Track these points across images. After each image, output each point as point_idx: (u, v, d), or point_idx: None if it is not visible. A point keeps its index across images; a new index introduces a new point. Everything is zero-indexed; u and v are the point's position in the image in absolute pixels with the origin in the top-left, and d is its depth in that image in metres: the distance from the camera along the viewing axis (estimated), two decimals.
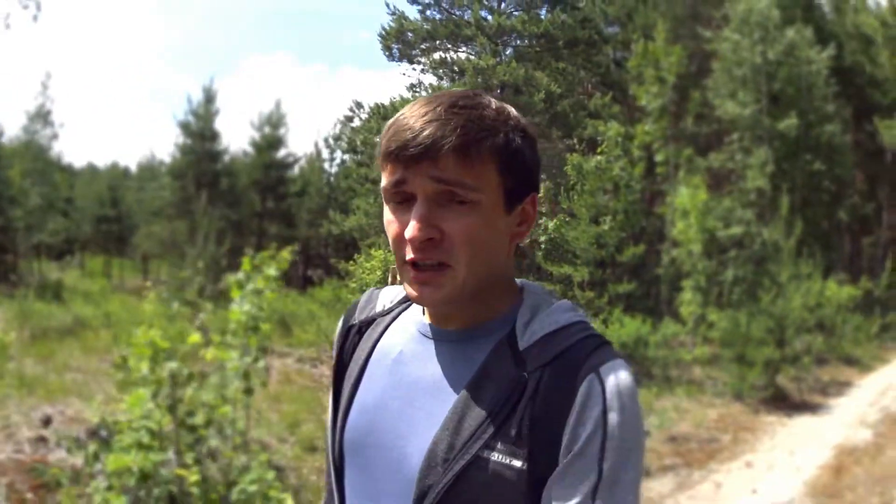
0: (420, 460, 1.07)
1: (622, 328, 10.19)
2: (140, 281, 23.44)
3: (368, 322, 1.29)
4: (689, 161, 13.97)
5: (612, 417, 1.02)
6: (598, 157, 12.83)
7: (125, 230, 24.70)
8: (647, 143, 13.04)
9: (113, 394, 6.97)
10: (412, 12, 8.31)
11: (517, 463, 1.02)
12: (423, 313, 1.21)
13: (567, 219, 12.38)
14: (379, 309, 1.30)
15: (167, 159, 26.08)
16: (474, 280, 1.09)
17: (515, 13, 11.35)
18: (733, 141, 17.17)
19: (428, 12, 8.93)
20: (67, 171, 24.71)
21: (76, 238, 25.58)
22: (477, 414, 1.05)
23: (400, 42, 7.74)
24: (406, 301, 1.27)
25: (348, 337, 1.30)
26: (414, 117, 1.07)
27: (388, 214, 1.11)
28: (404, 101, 7.25)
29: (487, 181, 1.07)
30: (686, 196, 12.70)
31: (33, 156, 22.19)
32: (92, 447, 5.13)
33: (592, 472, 1.01)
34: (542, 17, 11.78)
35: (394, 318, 1.26)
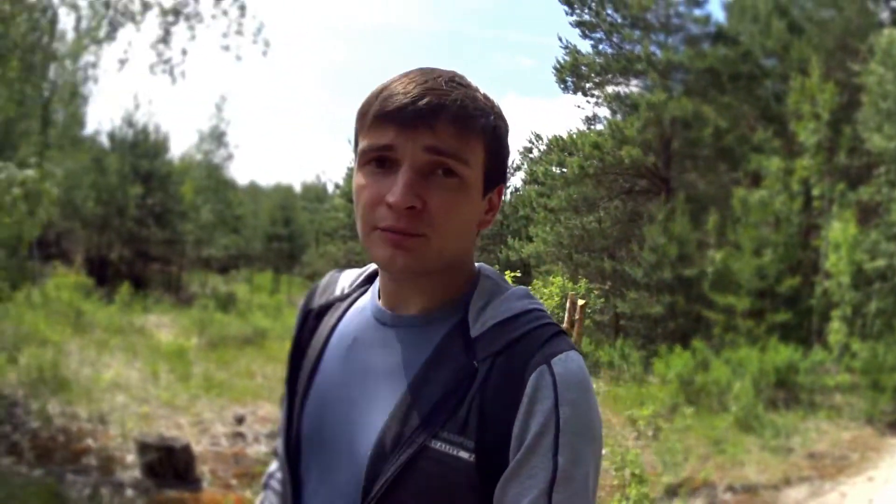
0: (367, 448, 1.04)
1: (777, 355, 10.61)
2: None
3: (327, 306, 1.25)
4: (842, 195, 14.06)
5: (565, 410, 0.98)
6: (762, 192, 13.20)
7: (295, 248, 26.11)
8: (805, 177, 13.27)
9: None
10: (584, 46, 8.88)
11: (464, 454, 0.99)
12: (378, 298, 1.18)
13: (732, 251, 12.84)
14: (338, 293, 1.26)
15: (332, 181, 27.44)
16: (447, 255, 1.07)
17: (681, 48, 11.86)
18: (881, 174, 17.03)
19: (600, 46, 9.52)
20: (234, 189, 26.18)
21: (245, 254, 27.24)
22: (425, 402, 1.02)
23: (574, 75, 8.09)
24: (364, 285, 1.25)
25: (307, 321, 1.26)
26: (412, 84, 1.04)
27: (361, 178, 1.07)
28: (582, 135, 7.81)
29: (476, 159, 1.06)
30: (838, 229, 12.91)
31: (206, 174, 23.72)
32: None
33: (547, 467, 0.97)
34: (706, 51, 12.25)
35: (351, 303, 1.23)
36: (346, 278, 1.27)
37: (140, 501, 5.39)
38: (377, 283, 1.19)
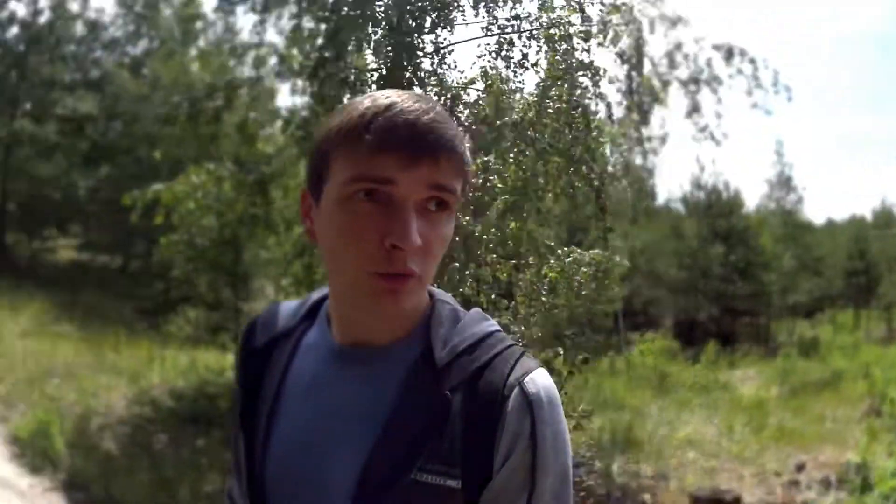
0: (346, 490, 1.01)
1: None
2: (884, 330, 22.97)
3: (272, 343, 1.18)
4: None
5: (541, 429, 0.99)
6: None
7: (871, 280, 24.10)
8: None
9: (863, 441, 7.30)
10: None
11: (452, 483, 0.99)
12: (330, 332, 1.12)
13: None
14: (280, 328, 1.19)
15: None
16: (425, 290, 1.07)
17: None
18: None
19: None
20: (810, 229, 25.23)
21: (827, 294, 25.84)
22: (405, 437, 1.00)
23: None
24: (307, 318, 1.18)
25: (249, 360, 1.20)
26: (414, 113, 0.97)
27: (345, 214, 0.99)
28: None
29: (460, 191, 1.02)
30: None
31: (782, 221, 23.32)
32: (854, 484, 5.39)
33: (525, 485, 0.99)
34: None
35: (298, 338, 1.17)
36: (286, 312, 1.21)
37: None
38: (324, 316, 1.16)
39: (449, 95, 4.50)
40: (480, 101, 4.64)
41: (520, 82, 4.61)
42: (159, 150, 12.22)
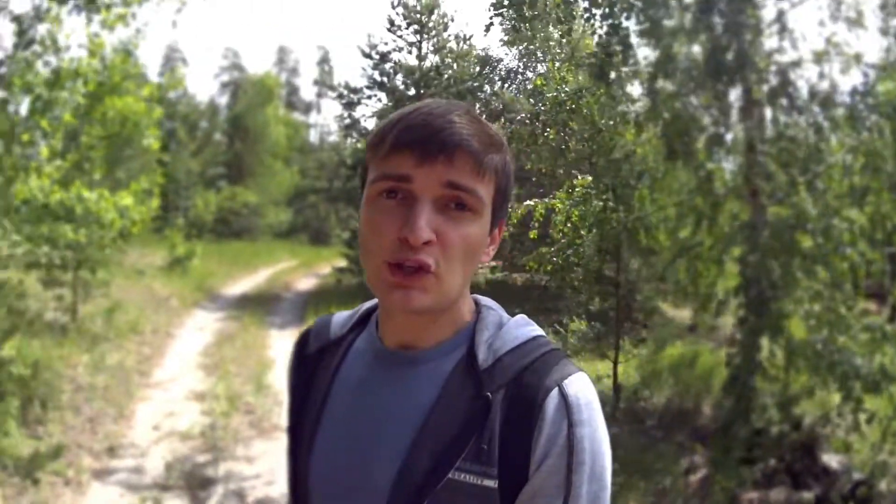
0: (383, 490, 1.04)
1: None
2: None
3: (322, 351, 1.23)
4: None
5: (578, 432, 1.01)
6: None
7: None
8: None
9: None
10: None
11: (489, 483, 1.01)
12: (378, 338, 1.16)
13: None
14: (332, 336, 1.23)
15: None
16: (455, 292, 1.07)
17: None
18: None
19: None
20: None
21: None
22: (443, 436, 1.03)
23: None
24: (359, 326, 1.23)
25: (302, 368, 1.24)
26: (432, 115, 1.03)
27: (371, 210, 1.05)
28: None
29: (487, 195, 1.06)
30: None
31: None
32: None
33: (561, 488, 1.00)
34: None
35: (348, 346, 1.21)
36: (338, 321, 1.26)
37: None
38: (373, 322, 1.19)
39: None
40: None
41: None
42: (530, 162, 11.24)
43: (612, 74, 7.07)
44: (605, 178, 9.95)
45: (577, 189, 10.22)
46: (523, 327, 1.13)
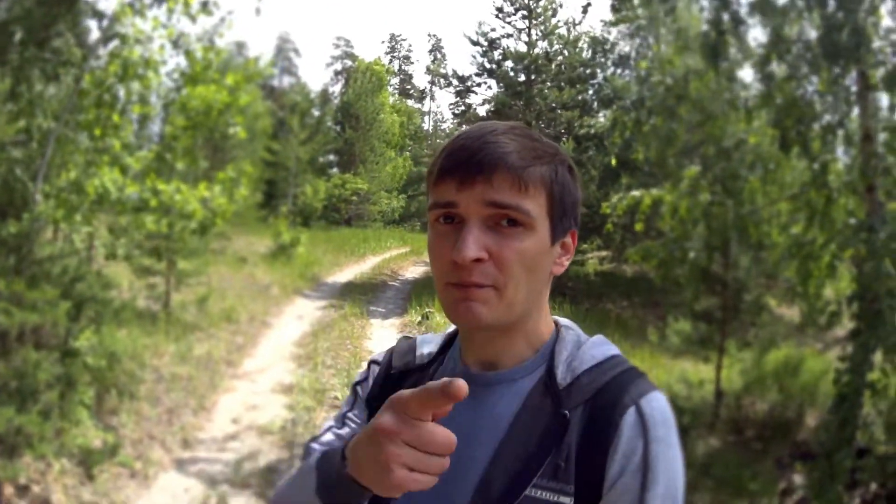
0: None
1: None
2: None
3: (405, 373, 1.24)
4: None
5: (653, 449, 1.00)
6: None
7: None
8: None
9: None
10: None
11: (565, 499, 1.01)
12: (462, 360, 1.18)
13: None
14: (417, 360, 1.25)
15: None
16: (519, 306, 1.07)
17: None
18: None
19: None
20: None
21: None
22: (521, 453, 1.04)
23: None
24: (444, 351, 1.24)
25: (387, 384, 1.24)
26: (470, 139, 1.06)
27: (432, 235, 1.10)
28: None
29: (538, 207, 1.06)
30: None
31: None
32: None
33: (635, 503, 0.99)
34: None
35: (436, 369, 1.22)
36: (425, 345, 1.26)
37: None
38: (457, 346, 1.21)
39: None
40: None
41: None
42: (640, 153, 10.94)
43: (724, 55, 6.57)
44: (715, 169, 9.35)
45: (684, 180, 9.65)
46: (601, 346, 1.13)
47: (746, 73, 7.27)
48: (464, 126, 20.88)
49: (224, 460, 5.95)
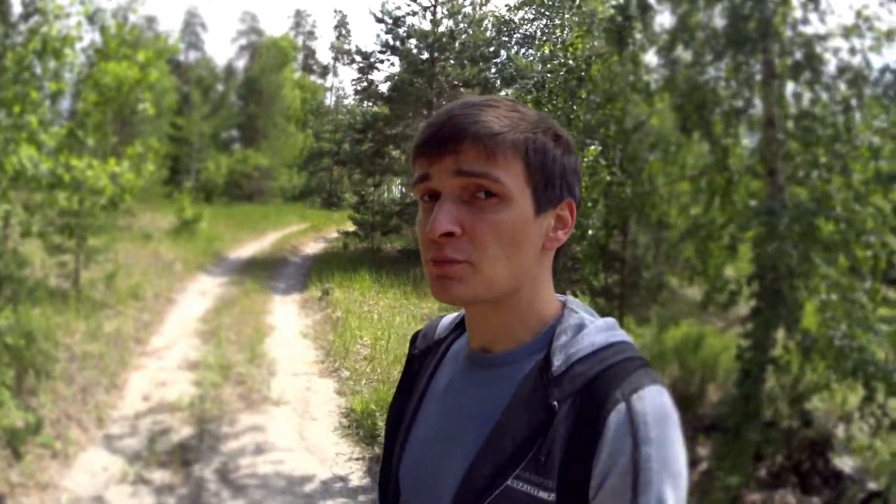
0: (451, 490, 1.03)
1: None
2: None
3: (426, 351, 1.26)
4: None
5: (644, 451, 0.92)
6: None
7: None
8: None
9: None
10: None
11: (544, 495, 0.96)
12: (468, 340, 1.16)
13: None
14: (435, 337, 1.26)
15: None
16: (501, 280, 1.03)
17: None
18: None
19: None
20: None
21: None
22: (508, 443, 1.00)
23: None
24: (459, 328, 1.24)
25: (409, 368, 1.28)
26: (441, 113, 1.04)
27: (419, 212, 1.08)
28: None
29: (514, 176, 1.01)
30: None
31: None
32: None
33: None
34: None
35: (448, 347, 1.22)
36: (444, 323, 1.27)
37: None
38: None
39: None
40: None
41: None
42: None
43: (630, 40, 6.75)
44: (615, 150, 9.60)
45: (586, 159, 9.88)
46: (604, 332, 1.06)
47: (650, 58, 7.47)
48: (365, 103, 20.83)
49: (138, 438, 5.92)
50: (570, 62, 9.19)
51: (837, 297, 5.26)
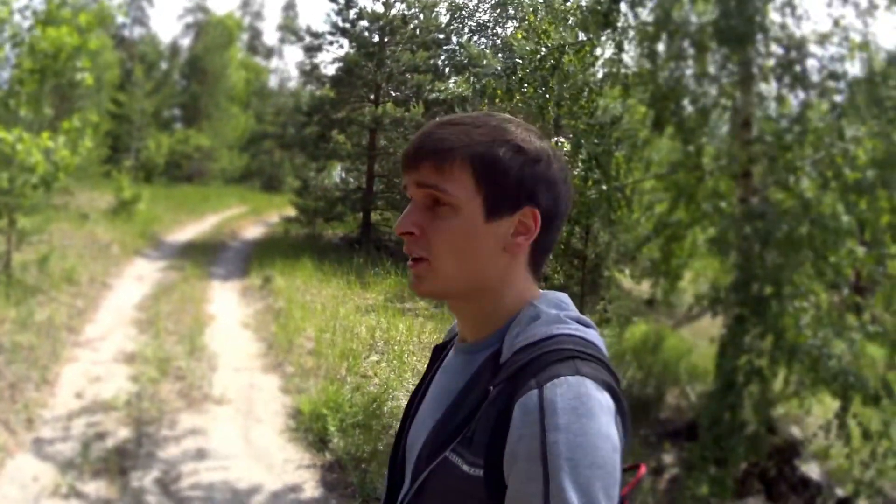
0: (418, 457, 1.16)
1: None
2: None
3: (445, 344, 1.37)
4: None
5: (551, 437, 0.96)
6: None
7: None
8: None
9: None
10: None
11: (468, 469, 1.04)
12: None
13: None
14: (454, 331, 1.36)
15: None
16: (460, 281, 1.15)
17: None
18: None
19: None
20: None
21: None
22: (453, 421, 1.10)
23: None
24: None
25: (434, 358, 1.38)
26: (418, 132, 1.17)
27: None
28: None
29: (462, 188, 1.12)
30: None
31: None
32: None
33: (539, 496, 0.96)
34: None
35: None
36: None
37: None
38: None
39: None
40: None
41: (869, 33, 3.87)
42: None
43: (616, 24, 6.46)
44: (589, 144, 9.31)
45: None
46: (552, 324, 1.12)
47: (628, 49, 7.22)
48: (310, 86, 20.58)
49: (71, 443, 5.44)
50: (543, 50, 8.91)
51: (812, 304, 5.14)
